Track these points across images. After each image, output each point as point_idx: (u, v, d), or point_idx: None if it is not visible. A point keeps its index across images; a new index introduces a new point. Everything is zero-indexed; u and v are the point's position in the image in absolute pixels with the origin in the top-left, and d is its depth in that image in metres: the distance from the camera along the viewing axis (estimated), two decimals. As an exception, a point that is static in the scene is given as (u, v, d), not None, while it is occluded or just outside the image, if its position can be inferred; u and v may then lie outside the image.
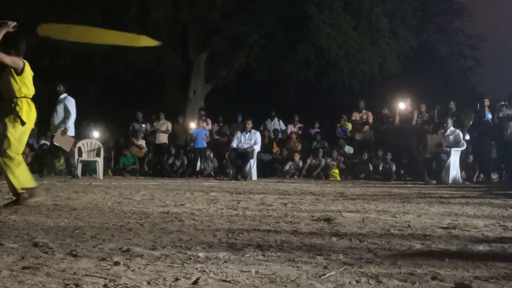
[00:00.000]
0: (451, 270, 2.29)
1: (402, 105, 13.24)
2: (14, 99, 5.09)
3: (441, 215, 4.53)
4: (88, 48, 17.65)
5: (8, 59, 5.01)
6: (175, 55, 18.96)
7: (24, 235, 3.11)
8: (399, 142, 13.30)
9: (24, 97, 5.17)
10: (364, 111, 14.55)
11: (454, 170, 11.21)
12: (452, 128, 11.56)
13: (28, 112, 5.17)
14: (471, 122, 13.80)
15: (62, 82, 11.55)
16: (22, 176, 4.98)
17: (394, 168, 12.96)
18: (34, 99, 5.32)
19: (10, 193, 5.13)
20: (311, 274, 2.17)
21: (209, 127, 15.73)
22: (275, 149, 15.15)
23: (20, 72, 5.11)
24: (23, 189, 4.93)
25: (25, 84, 5.17)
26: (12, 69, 5.08)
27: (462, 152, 11.64)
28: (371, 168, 13.13)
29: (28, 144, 15.19)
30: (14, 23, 5.07)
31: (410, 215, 4.48)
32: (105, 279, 2.05)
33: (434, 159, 11.21)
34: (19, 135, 5.08)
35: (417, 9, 20.39)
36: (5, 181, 5.04)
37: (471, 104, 16.99)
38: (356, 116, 14.61)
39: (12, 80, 5.09)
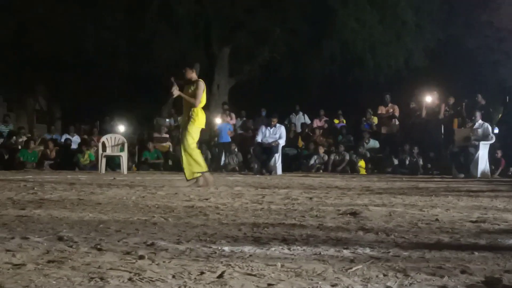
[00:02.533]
0: (480, 264, 2.23)
1: (429, 99, 13.07)
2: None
3: (469, 208, 4.44)
4: (111, 43, 17.85)
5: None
6: (199, 50, 19.03)
7: (49, 229, 3.12)
8: (426, 135, 13.13)
9: None
10: (390, 104, 14.41)
11: (483, 163, 11.01)
12: (480, 121, 11.37)
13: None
14: (499, 116, 13.54)
15: None
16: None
17: (421, 162, 12.80)
18: (57, 94, 5.67)
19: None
20: (338, 268, 2.13)
21: (233, 121, 15.75)
22: (300, 143, 15.09)
23: None
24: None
25: None
26: None
27: (490, 145, 11.42)
28: (397, 162, 12.98)
29: (52, 139, 15.47)
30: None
31: (438, 208, 4.40)
32: (130, 272, 2.04)
33: (462, 152, 11.03)
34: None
35: (443, 2, 20.05)
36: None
37: (500, 98, 16.66)
38: (382, 109, 14.47)
39: None
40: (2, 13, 18.07)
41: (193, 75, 7.28)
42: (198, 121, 7.11)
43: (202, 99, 7.15)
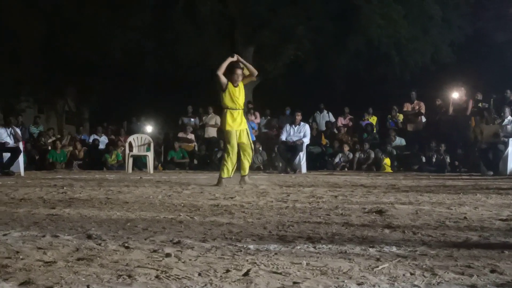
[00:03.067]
0: (511, 263, 2.19)
1: (456, 95, 12.86)
2: (224, 110, 7.10)
3: (499, 206, 4.36)
4: (137, 44, 18.04)
5: (222, 78, 7.00)
6: (223, 49, 19.05)
7: (78, 228, 3.18)
8: (453, 132, 12.92)
9: (229, 108, 7.04)
10: (416, 101, 14.24)
11: (513, 161, 10.78)
12: (510, 118, 11.14)
13: (230, 120, 7.02)
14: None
15: None
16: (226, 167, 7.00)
17: (448, 159, 12.60)
18: (85, 95, 5.72)
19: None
20: (364, 266, 2.12)
21: (258, 120, 15.75)
22: (324, 141, 15.02)
23: (224, 90, 7.04)
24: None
25: (229, 99, 7.03)
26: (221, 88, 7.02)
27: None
28: (424, 160, 12.81)
29: (81, 140, 15.70)
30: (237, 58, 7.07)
31: (466, 206, 4.33)
32: (157, 270, 2.07)
33: (490, 149, 10.82)
34: (227, 138, 7.08)
35: (471, -5, 19.73)
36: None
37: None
38: (407, 107, 14.30)
39: (222, 96, 7.07)
40: (33, 18, 18.44)
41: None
42: (225, 124, 7.25)
43: (234, 99, 7.08)
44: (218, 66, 7.12)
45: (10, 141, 11.05)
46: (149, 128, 16.68)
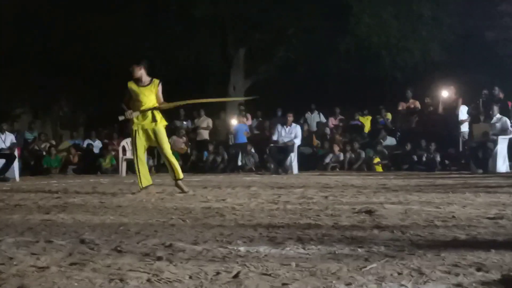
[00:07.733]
0: (497, 261, 2.23)
1: (446, 93, 12.92)
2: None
3: (487, 205, 4.41)
4: (129, 48, 18.00)
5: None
6: (215, 51, 19.06)
7: (72, 232, 3.21)
8: (443, 131, 12.99)
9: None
10: (411, 100, 14.26)
11: (501, 158, 10.87)
12: (498, 116, 11.22)
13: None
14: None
15: None
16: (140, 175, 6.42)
17: (438, 158, 12.67)
18: (80, 100, 5.72)
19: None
20: (352, 267, 2.16)
21: (249, 122, 15.77)
22: (315, 142, 15.05)
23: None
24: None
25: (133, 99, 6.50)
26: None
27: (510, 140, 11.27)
28: (415, 159, 12.87)
29: (75, 145, 15.65)
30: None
31: (455, 205, 4.39)
32: (149, 273, 2.10)
33: (480, 148, 10.91)
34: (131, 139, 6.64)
35: (461, -6, 19.79)
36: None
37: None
38: (403, 105, 14.33)
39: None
40: (27, 22, 18.38)
41: (142, 72, 6.65)
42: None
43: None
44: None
45: (5, 147, 11.04)
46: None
